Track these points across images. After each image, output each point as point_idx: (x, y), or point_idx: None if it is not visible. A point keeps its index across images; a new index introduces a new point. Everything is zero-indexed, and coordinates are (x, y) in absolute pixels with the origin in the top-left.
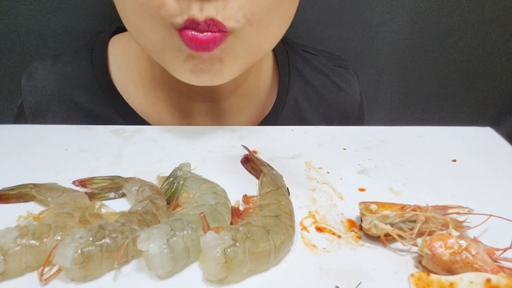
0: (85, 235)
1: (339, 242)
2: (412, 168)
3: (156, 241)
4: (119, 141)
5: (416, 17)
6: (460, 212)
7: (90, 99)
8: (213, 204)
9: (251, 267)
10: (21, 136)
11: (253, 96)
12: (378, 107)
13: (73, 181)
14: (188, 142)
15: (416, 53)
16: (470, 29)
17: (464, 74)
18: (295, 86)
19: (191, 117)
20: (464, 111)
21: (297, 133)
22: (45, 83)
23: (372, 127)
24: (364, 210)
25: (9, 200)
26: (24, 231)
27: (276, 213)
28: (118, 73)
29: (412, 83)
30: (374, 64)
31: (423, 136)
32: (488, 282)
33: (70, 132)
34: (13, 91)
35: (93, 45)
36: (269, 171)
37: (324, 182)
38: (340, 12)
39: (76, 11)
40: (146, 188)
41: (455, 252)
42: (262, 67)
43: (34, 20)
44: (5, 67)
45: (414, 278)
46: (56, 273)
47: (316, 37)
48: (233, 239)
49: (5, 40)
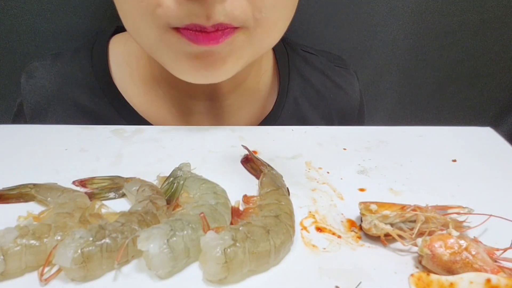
0: (85, 235)
1: (339, 242)
2: (412, 168)
3: (156, 241)
4: (119, 141)
5: (416, 17)
6: (460, 212)
7: (90, 98)
8: (213, 204)
9: (251, 267)
10: (21, 136)
11: (253, 95)
12: (378, 107)
13: (73, 181)
14: (188, 142)
15: (416, 53)
16: (470, 29)
17: (464, 74)
18: (295, 85)
19: (191, 115)
20: (464, 111)
21: (297, 133)
22: (44, 82)
23: (372, 127)
24: (364, 210)
25: (9, 200)
26: (24, 231)
27: (276, 213)
28: (118, 72)
29: (412, 83)
30: (374, 64)
31: (423, 136)
32: (488, 282)
33: (70, 132)
34: (13, 91)
35: (93, 44)
36: (269, 171)
37: (324, 182)
38: (340, 12)
39: (76, 11)
40: (146, 188)
41: (455, 252)
42: (263, 66)
43: (34, 20)
44: (5, 67)
45: (414, 278)
46: (56, 273)
47: (316, 37)
48: (233, 239)
49: (5, 40)
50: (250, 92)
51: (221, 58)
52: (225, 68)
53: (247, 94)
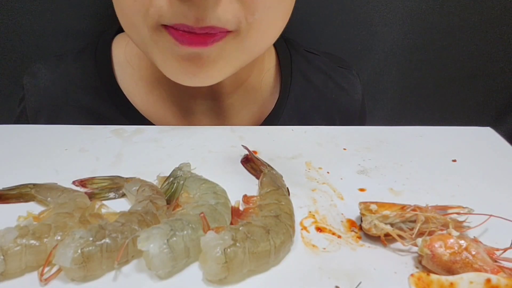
0: (85, 235)
1: (339, 242)
2: (412, 168)
3: (156, 241)
4: (119, 141)
5: (416, 17)
6: (460, 212)
7: (93, 98)
8: (213, 204)
9: (251, 267)
10: (21, 136)
11: (255, 95)
12: (378, 107)
13: (73, 181)
14: (188, 142)
15: (416, 53)
16: (470, 29)
17: (464, 74)
18: (297, 85)
19: (193, 115)
20: (464, 111)
21: (297, 133)
22: (48, 83)
23: (372, 127)
24: (364, 210)
25: (9, 200)
26: (24, 231)
27: (276, 213)
28: (121, 72)
29: (412, 83)
30: (374, 64)
31: (423, 136)
32: (488, 282)
33: (70, 132)
34: (13, 91)
35: (96, 45)
36: (269, 171)
37: (324, 182)
38: (340, 12)
39: (76, 11)
40: (146, 188)
41: (455, 252)
42: (265, 66)
43: (34, 20)
44: (5, 67)
45: (414, 278)
46: (56, 273)
47: (316, 37)
48: (233, 239)
49: (5, 40)
50: (252, 91)
51: (210, 61)
52: (214, 72)
53: (249, 93)
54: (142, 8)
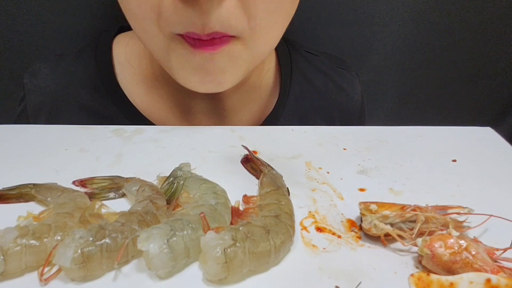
0: (85, 235)
1: (339, 242)
2: (412, 168)
3: (156, 241)
4: (119, 141)
5: (416, 17)
6: (460, 212)
7: (94, 98)
8: (213, 204)
9: (251, 267)
10: (21, 136)
11: (255, 95)
12: (378, 107)
13: (73, 181)
14: (188, 142)
15: (416, 53)
16: (470, 29)
17: (464, 74)
18: (296, 85)
19: (193, 115)
20: (464, 111)
21: (297, 133)
22: (48, 83)
23: (372, 127)
24: (364, 210)
25: (9, 200)
26: (24, 231)
27: (276, 213)
28: (121, 72)
29: (412, 83)
30: (374, 64)
31: (423, 136)
32: (488, 282)
33: (70, 132)
34: (13, 91)
35: (97, 44)
36: (269, 171)
37: (324, 182)
38: (340, 12)
39: (77, 11)
40: (146, 188)
41: (455, 252)
42: (265, 66)
43: (34, 20)
44: (5, 67)
45: (414, 278)
46: (56, 273)
47: (316, 37)
48: (233, 239)
49: (5, 40)
50: (252, 91)
51: (220, 68)
52: (225, 78)
53: (249, 93)
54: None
